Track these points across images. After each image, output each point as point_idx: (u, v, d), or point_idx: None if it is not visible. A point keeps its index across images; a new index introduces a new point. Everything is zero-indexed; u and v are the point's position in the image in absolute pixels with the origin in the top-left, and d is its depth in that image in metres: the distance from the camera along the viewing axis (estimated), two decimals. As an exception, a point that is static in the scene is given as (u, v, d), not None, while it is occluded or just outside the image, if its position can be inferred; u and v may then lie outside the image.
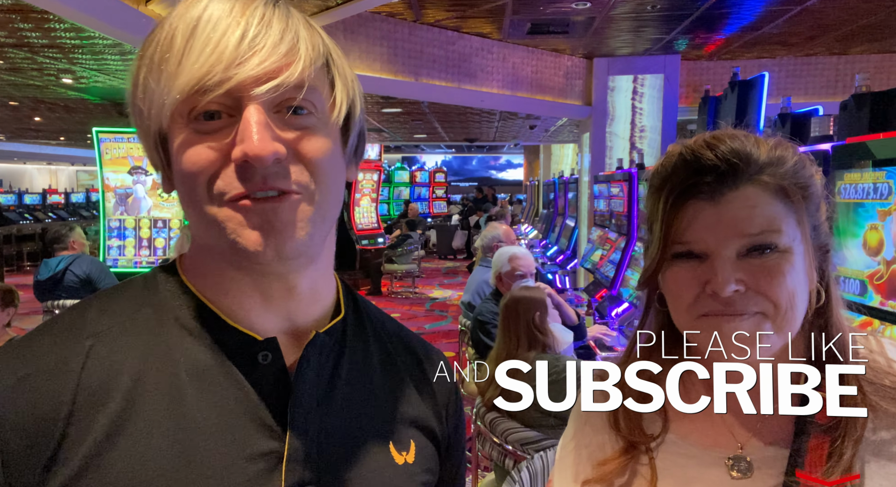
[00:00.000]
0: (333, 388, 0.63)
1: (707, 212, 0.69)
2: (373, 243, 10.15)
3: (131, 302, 0.60)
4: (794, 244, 0.69)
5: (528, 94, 6.19)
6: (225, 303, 0.60)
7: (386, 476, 0.63)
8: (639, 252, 4.21)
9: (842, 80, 6.34)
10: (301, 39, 0.56)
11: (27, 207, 14.44)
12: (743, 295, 0.68)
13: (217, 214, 0.55)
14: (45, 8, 3.19)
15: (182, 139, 0.55)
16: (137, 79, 0.57)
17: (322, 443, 0.60)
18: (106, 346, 0.56)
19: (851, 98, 2.05)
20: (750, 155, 0.70)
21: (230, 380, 0.57)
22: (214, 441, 0.55)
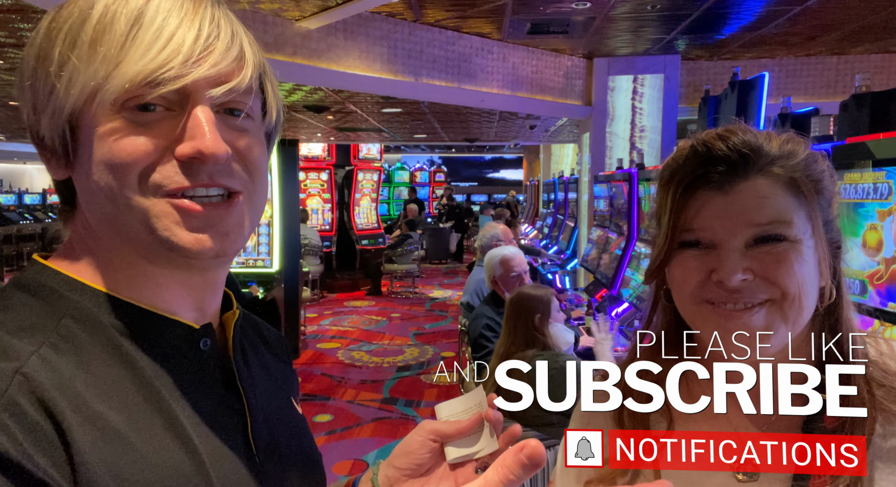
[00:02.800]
0: (248, 361, 0.69)
1: (716, 202, 0.69)
2: (373, 243, 10.15)
3: (38, 317, 0.53)
4: (804, 237, 0.68)
5: (528, 94, 6.19)
6: (144, 299, 0.59)
7: (301, 424, 0.75)
8: (639, 252, 4.22)
9: (842, 80, 6.34)
10: (245, 45, 0.57)
11: (27, 207, 14.44)
12: (750, 284, 0.68)
13: (150, 207, 0.54)
14: (45, 8, 3.19)
15: (113, 127, 0.53)
16: (50, 50, 0.53)
17: (262, 404, 0.66)
18: (53, 364, 0.50)
19: (851, 98, 2.05)
20: (761, 147, 0.70)
21: (186, 370, 0.59)
22: (201, 432, 0.57)
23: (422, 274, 10.36)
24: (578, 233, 7.19)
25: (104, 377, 0.53)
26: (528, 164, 18.16)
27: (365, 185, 10.60)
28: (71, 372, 0.51)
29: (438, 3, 4.67)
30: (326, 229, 9.88)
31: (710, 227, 0.69)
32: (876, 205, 1.74)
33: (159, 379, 0.56)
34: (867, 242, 1.78)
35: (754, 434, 0.74)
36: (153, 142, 0.53)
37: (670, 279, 0.75)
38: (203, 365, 0.61)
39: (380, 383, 5.39)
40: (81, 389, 0.51)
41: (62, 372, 0.50)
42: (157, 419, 0.54)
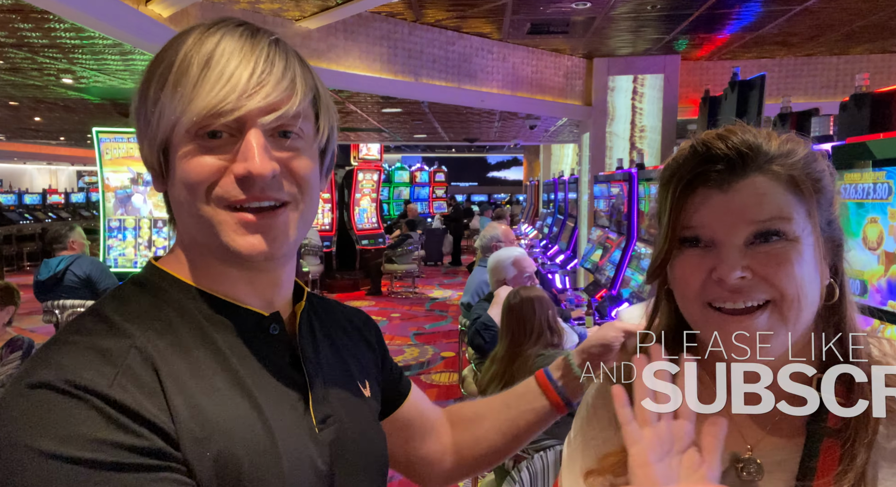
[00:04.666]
0: (317, 347, 0.79)
1: (715, 200, 0.70)
2: (373, 243, 10.15)
3: (148, 308, 0.68)
4: (803, 234, 0.68)
5: (528, 94, 6.19)
6: (222, 292, 0.71)
7: (364, 405, 0.83)
8: (639, 252, 4.22)
9: (842, 80, 6.34)
10: (297, 76, 0.67)
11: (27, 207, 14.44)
12: (749, 282, 0.68)
13: (213, 216, 0.66)
14: (45, 8, 3.19)
15: (187, 150, 0.65)
16: (147, 91, 0.66)
17: (326, 385, 0.76)
18: (152, 346, 0.64)
19: (851, 98, 2.05)
20: (760, 145, 0.70)
21: (258, 351, 0.71)
22: (266, 399, 0.68)
23: (422, 274, 10.36)
24: (578, 233, 7.19)
25: (192, 354, 0.66)
26: (528, 164, 18.16)
27: (365, 185, 10.59)
28: (168, 349, 0.64)
29: (438, 3, 4.67)
30: (326, 229, 9.88)
31: (709, 225, 0.70)
32: (876, 204, 1.74)
33: (235, 357, 0.68)
34: (867, 237, 1.78)
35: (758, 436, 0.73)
36: (217, 162, 0.65)
37: (672, 278, 0.75)
38: (273, 347, 0.73)
39: (380, 383, 5.39)
40: (175, 363, 0.64)
41: (162, 349, 0.64)
42: (233, 388, 0.66)
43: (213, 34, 0.65)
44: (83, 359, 0.59)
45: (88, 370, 0.58)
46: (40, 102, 7.35)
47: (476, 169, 25.43)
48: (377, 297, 9.34)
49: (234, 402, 0.66)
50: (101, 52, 4.47)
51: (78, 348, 0.61)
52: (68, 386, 0.56)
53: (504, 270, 3.25)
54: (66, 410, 0.55)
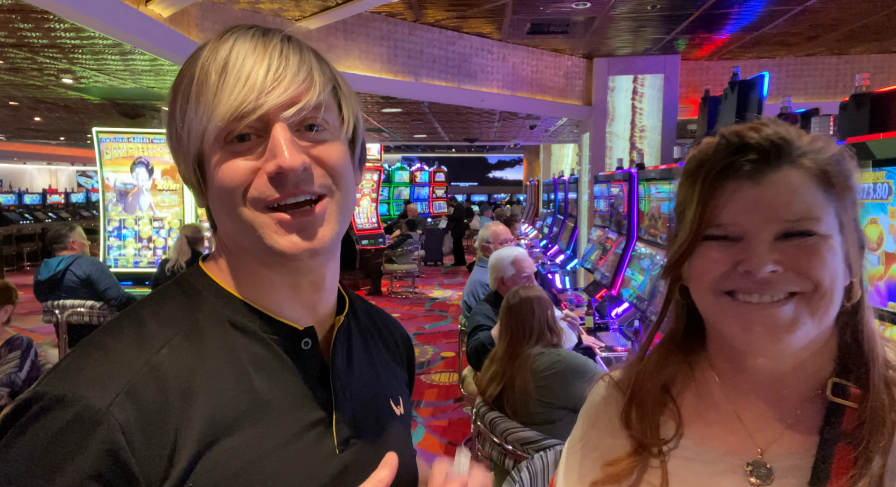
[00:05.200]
0: (351, 363, 0.78)
1: (746, 192, 0.67)
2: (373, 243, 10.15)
3: (182, 311, 0.69)
4: (833, 232, 0.67)
5: (528, 94, 6.19)
6: (261, 300, 0.71)
7: (394, 425, 0.81)
8: (639, 252, 4.21)
9: (842, 80, 6.34)
10: (314, 68, 0.67)
11: (27, 207, 14.44)
12: (780, 276, 0.65)
13: (253, 220, 0.65)
14: (45, 8, 3.19)
15: (219, 158, 0.65)
16: (174, 110, 0.67)
17: (354, 406, 0.74)
18: (179, 352, 0.64)
19: (851, 98, 2.05)
20: (793, 139, 0.69)
21: (284, 366, 0.69)
22: (282, 416, 0.67)
23: (422, 274, 10.36)
24: (578, 233, 7.19)
25: (212, 362, 0.65)
26: (528, 164, 18.16)
27: (365, 185, 10.59)
28: (190, 357, 0.65)
29: (438, 3, 4.67)
30: (326, 229, 9.85)
31: (739, 217, 0.67)
32: (876, 204, 1.74)
33: (259, 371, 0.67)
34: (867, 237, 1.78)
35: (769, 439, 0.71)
36: (248, 164, 0.65)
37: (689, 269, 0.73)
38: (302, 362, 0.71)
39: (380, 383, 5.39)
40: (193, 371, 0.64)
41: (184, 357, 0.64)
42: (243, 398, 0.65)
43: (225, 41, 0.65)
44: (96, 373, 0.60)
45: (94, 385, 0.59)
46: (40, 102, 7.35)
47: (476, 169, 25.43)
48: (377, 297, 9.34)
49: (247, 420, 0.65)
50: (101, 52, 4.47)
51: (98, 356, 0.62)
52: (66, 400, 0.58)
53: (503, 269, 3.25)
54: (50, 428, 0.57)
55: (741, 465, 0.71)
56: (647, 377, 0.79)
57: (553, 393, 2.19)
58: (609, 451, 0.78)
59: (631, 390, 0.80)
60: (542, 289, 2.57)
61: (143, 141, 6.03)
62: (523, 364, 2.28)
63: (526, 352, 2.31)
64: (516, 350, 2.35)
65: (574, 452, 0.84)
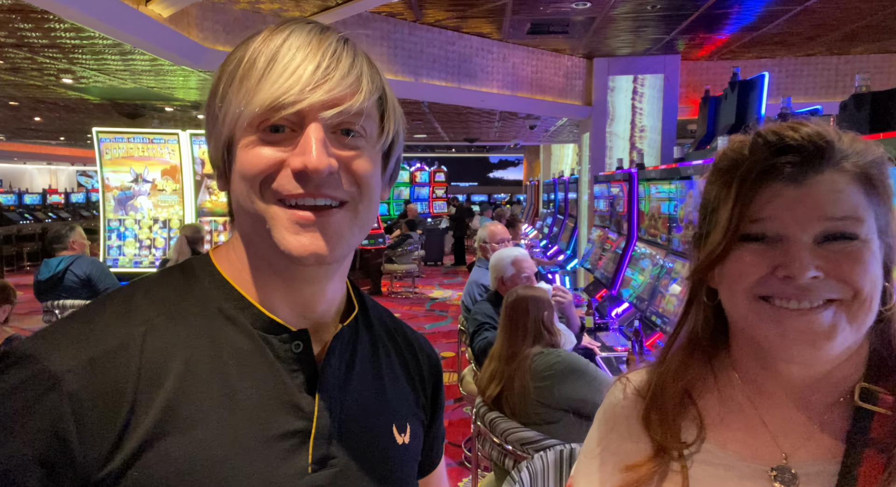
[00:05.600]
0: (350, 375, 0.72)
1: (788, 194, 0.65)
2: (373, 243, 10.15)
3: (174, 292, 0.67)
4: (873, 237, 0.65)
5: (528, 94, 6.19)
6: (259, 296, 0.68)
7: (390, 454, 0.74)
8: (639, 252, 4.21)
9: (842, 80, 6.34)
10: (364, 74, 0.65)
11: (27, 207, 14.44)
12: (820, 283, 0.63)
13: (266, 211, 0.63)
14: (45, 8, 3.19)
15: (248, 143, 0.63)
16: (217, 89, 0.65)
17: (342, 424, 0.69)
18: (158, 332, 0.63)
19: (851, 98, 2.05)
20: (834, 141, 0.66)
21: (267, 365, 0.66)
22: (254, 419, 0.63)
23: (422, 274, 10.35)
24: (578, 233, 7.19)
25: (190, 348, 0.63)
26: (528, 164, 18.16)
27: (365, 185, 10.58)
28: (168, 339, 0.63)
29: (438, 3, 4.67)
30: (326, 229, 9.86)
31: (779, 219, 0.65)
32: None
33: (238, 366, 0.64)
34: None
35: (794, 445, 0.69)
36: (275, 155, 0.62)
37: (722, 274, 0.70)
38: (292, 365, 0.67)
39: (380, 383, 5.39)
40: (169, 353, 0.62)
41: (162, 338, 0.62)
42: (214, 391, 0.62)
43: (281, 31, 0.64)
44: (68, 338, 0.60)
45: (60, 350, 0.59)
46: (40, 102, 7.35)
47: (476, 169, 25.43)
48: (377, 297, 9.34)
49: (214, 415, 0.61)
50: (101, 52, 4.47)
51: (78, 323, 0.62)
52: (29, 359, 0.58)
53: (503, 269, 3.26)
54: (7, 383, 0.57)
55: (765, 470, 0.69)
56: (670, 380, 0.77)
57: (552, 394, 2.19)
58: (629, 456, 0.77)
59: (652, 393, 0.78)
60: (544, 290, 2.56)
61: (143, 141, 6.03)
62: (522, 364, 2.27)
63: (524, 352, 2.31)
64: (513, 349, 2.35)
65: (592, 457, 0.82)
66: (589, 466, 0.82)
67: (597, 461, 0.81)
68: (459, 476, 3.70)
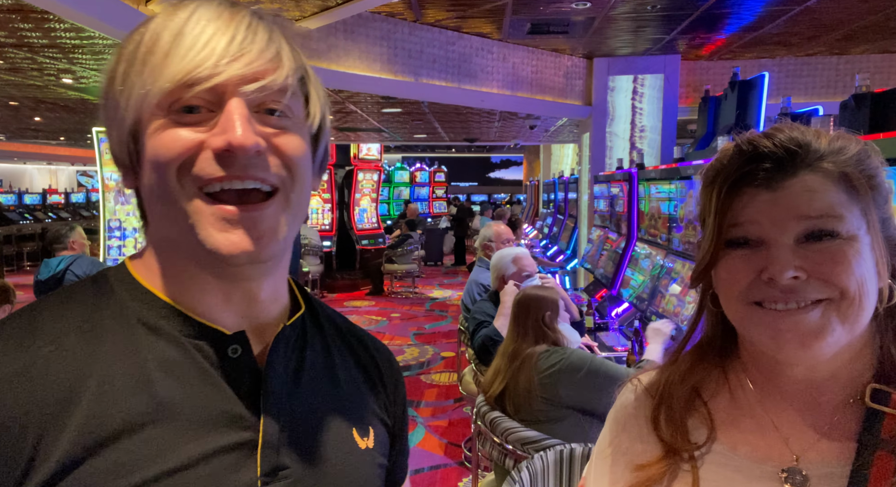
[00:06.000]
0: (299, 378, 0.66)
1: (763, 198, 0.66)
2: (373, 243, 10.15)
3: (85, 306, 0.60)
4: (859, 233, 0.64)
5: (528, 94, 6.19)
6: (187, 301, 0.61)
7: (351, 460, 0.67)
8: (639, 252, 4.21)
9: (842, 80, 6.34)
10: (284, 49, 0.59)
11: (27, 207, 14.44)
12: (804, 283, 0.64)
13: (187, 206, 0.56)
14: (45, 8, 3.19)
15: (158, 126, 0.56)
16: (116, 72, 0.58)
17: (293, 430, 0.63)
18: (67, 351, 0.56)
19: (851, 98, 2.05)
20: (810, 143, 0.67)
21: (201, 375, 0.59)
22: (190, 435, 0.57)
23: (422, 274, 10.35)
24: (578, 233, 7.19)
25: (107, 363, 0.57)
26: (528, 164, 18.16)
27: (365, 185, 10.59)
28: (80, 357, 0.56)
29: (438, 3, 4.67)
30: (326, 229, 9.88)
31: (757, 223, 0.66)
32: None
33: (165, 374, 0.58)
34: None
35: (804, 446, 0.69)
36: (191, 137, 0.55)
37: (717, 281, 0.72)
38: (227, 374, 0.60)
39: (380, 383, 5.38)
40: (81, 372, 0.56)
41: (72, 356, 0.56)
42: (140, 406, 0.56)
43: (185, 7, 0.57)
44: None
45: None
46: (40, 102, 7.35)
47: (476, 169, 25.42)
48: (377, 297, 9.34)
49: (142, 431, 0.55)
50: (101, 52, 4.47)
51: None
52: None
53: (504, 267, 3.27)
54: None
55: (775, 472, 0.69)
56: (678, 380, 0.78)
57: (557, 392, 2.20)
58: (639, 456, 0.77)
59: (660, 394, 0.78)
60: (553, 290, 2.56)
61: (143, 141, 6.04)
62: (527, 361, 2.28)
63: (528, 351, 2.32)
64: (515, 347, 2.36)
65: (604, 457, 0.82)
66: (600, 466, 0.82)
67: (608, 461, 0.81)
68: (459, 476, 3.69)
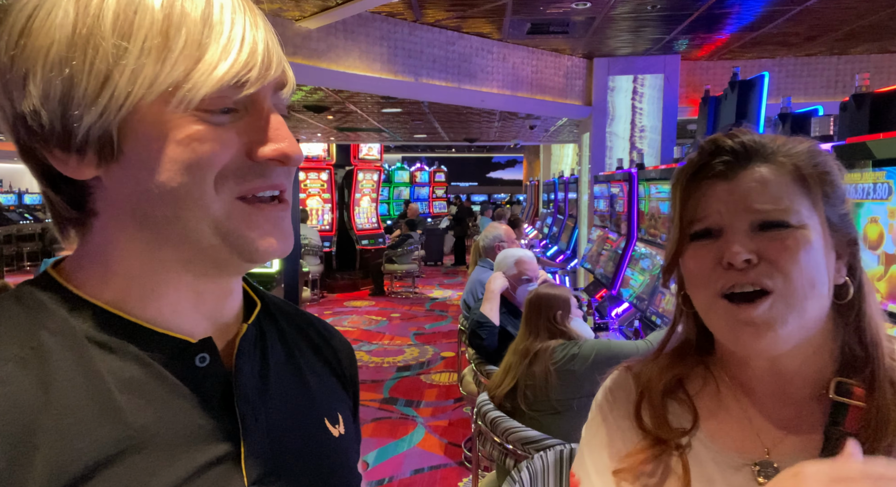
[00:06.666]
0: (267, 378, 0.63)
1: (720, 188, 0.72)
2: (373, 243, 10.15)
3: (17, 330, 0.51)
4: (810, 223, 0.69)
5: (528, 94, 6.19)
6: (142, 309, 0.55)
7: (330, 450, 0.66)
8: (639, 252, 4.21)
9: (842, 80, 6.34)
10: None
11: (27, 207, 14.45)
12: (756, 267, 0.68)
13: (221, 209, 0.53)
14: (45, 8, 3.19)
15: (189, 126, 0.50)
16: (92, 41, 0.48)
17: (271, 433, 0.60)
18: (12, 386, 0.48)
19: (851, 98, 2.05)
20: (766, 142, 0.72)
21: (170, 391, 0.54)
22: (169, 457, 0.52)
23: (422, 274, 10.35)
24: (578, 233, 7.19)
25: (62, 393, 0.49)
26: (528, 164, 18.15)
27: (365, 185, 10.60)
28: (29, 390, 0.48)
29: (438, 3, 4.67)
30: (326, 229, 9.88)
31: (715, 213, 0.71)
32: (876, 204, 1.74)
33: (129, 396, 0.52)
34: (868, 236, 1.78)
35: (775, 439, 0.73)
36: (231, 142, 0.52)
37: (686, 274, 0.76)
38: (200, 383, 0.56)
39: (380, 383, 5.39)
40: (33, 408, 0.48)
41: (19, 392, 0.48)
42: (109, 436, 0.50)
43: None
44: None
45: None
46: (40, 102, 7.34)
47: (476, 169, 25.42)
48: (377, 297, 9.34)
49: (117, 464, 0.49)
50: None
51: None
52: None
53: (504, 268, 3.29)
54: None
55: (749, 464, 0.72)
56: (657, 375, 0.82)
57: (574, 378, 2.24)
58: (626, 436, 0.80)
59: (641, 388, 0.82)
60: (565, 289, 2.58)
61: (143, 141, 6.03)
62: (542, 354, 2.32)
63: (540, 346, 2.35)
64: (527, 345, 2.40)
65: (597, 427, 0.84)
66: (594, 438, 0.84)
67: (602, 429, 0.83)
68: (459, 476, 3.69)
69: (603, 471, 0.79)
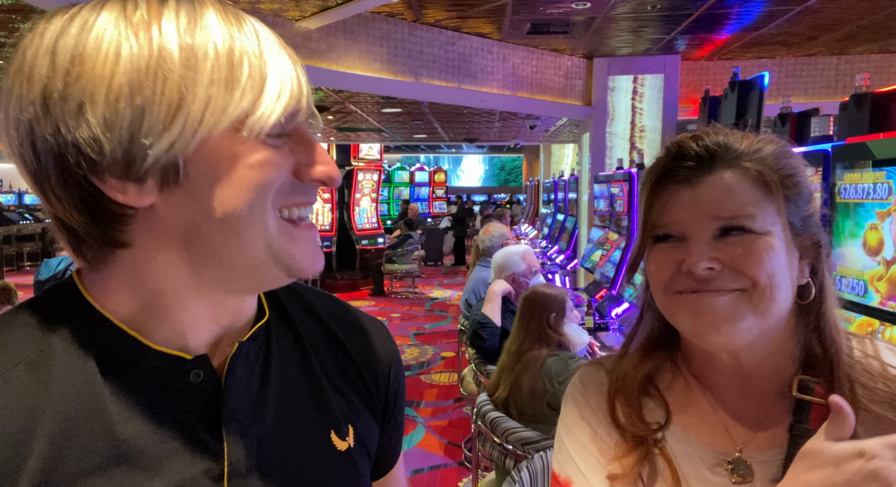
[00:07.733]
0: (265, 392, 0.62)
1: (684, 194, 0.72)
2: (373, 243, 10.14)
3: (34, 333, 0.54)
4: (773, 229, 0.69)
5: (528, 94, 6.19)
6: (148, 324, 0.56)
7: (331, 466, 0.65)
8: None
9: (842, 80, 6.34)
10: None
11: (27, 207, 14.45)
12: (719, 274, 0.69)
13: (273, 229, 0.55)
14: (45, 8, 3.19)
15: (255, 152, 0.53)
16: (159, 74, 0.49)
17: (261, 450, 0.60)
18: (17, 387, 0.51)
19: (851, 98, 2.05)
20: (731, 144, 0.72)
21: (161, 405, 0.56)
22: (155, 472, 0.54)
23: (422, 274, 10.35)
24: (578, 233, 7.19)
25: (60, 399, 0.52)
26: (528, 164, 18.15)
27: (365, 185, 10.59)
28: (32, 392, 0.52)
29: (438, 3, 4.67)
30: (326, 229, 9.88)
31: (678, 219, 0.72)
32: (876, 205, 1.74)
33: (123, 408, 0.54)
34: (867, 242, 1.78)
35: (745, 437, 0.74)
36: (285, 165, 0.56)
37: (648, 274, 0.77)
38: (190, 400, 0.57)
39: (380, 383, 5.38)
40: (35, 409, 0.51)
41: (23, 392, 0.51)
42: (98, 447, 0.52)
43: (242, 19, 0.54)
44: None
45: None
46: (40, 102, 7.35)
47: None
48: (377, 297, 9.34)
49: (101, 475, 0.51)
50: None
51: None
52: None
53: (515, 264, 3.27)
54: None
55: (723, 462, 0.73)
56: (630, 369, 0.83)
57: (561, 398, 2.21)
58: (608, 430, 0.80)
59: (614, 384, 0.83)
60: (562, 290, 2.56)
61: (144, 141, 6.03)
62: (531, 364, 2.28)
63: (532, 353, 2.31)
64: (519, 346, 2.37)
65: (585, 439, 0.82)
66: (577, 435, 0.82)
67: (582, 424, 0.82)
68: (459, 476, 3.69)
69: (596, 467, 0.78)
